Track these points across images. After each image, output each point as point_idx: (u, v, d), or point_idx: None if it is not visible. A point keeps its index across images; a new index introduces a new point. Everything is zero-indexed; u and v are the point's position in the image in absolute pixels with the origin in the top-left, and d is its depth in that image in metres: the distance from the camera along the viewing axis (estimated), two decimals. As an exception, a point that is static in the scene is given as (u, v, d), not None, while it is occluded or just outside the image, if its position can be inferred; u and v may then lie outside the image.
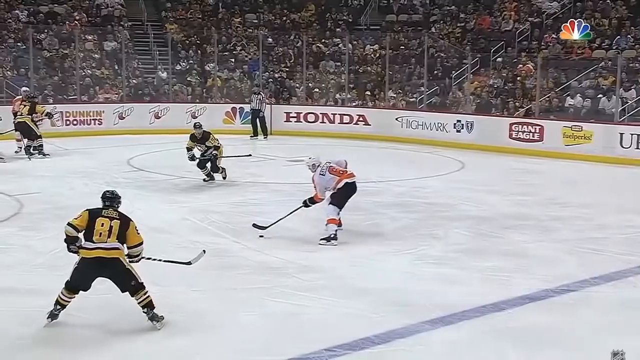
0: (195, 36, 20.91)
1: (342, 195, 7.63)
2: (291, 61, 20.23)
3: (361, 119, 17.52)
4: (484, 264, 6.81)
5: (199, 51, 20.36)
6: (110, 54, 19.43)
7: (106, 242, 5.11)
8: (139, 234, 5.28)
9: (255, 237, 7.64)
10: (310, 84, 19.28)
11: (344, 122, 17.65)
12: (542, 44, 17.89)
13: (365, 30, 21.51)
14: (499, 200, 9.89)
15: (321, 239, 7.49)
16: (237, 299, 5.81)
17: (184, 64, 19.92)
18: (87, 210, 5.25)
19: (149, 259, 5.65)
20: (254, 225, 7.74)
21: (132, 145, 14.79)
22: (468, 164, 13.31)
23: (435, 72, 18.24)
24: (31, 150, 13.33)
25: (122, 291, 5.23)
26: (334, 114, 17.86)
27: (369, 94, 18.62)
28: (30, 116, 13.34)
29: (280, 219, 7.81)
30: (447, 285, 6.21)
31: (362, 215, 8.83)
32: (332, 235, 7.48)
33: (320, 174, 7.70)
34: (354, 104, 18.50)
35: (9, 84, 17.11)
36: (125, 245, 5.20)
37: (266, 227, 7.65)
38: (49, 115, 13.73)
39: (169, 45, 19.19)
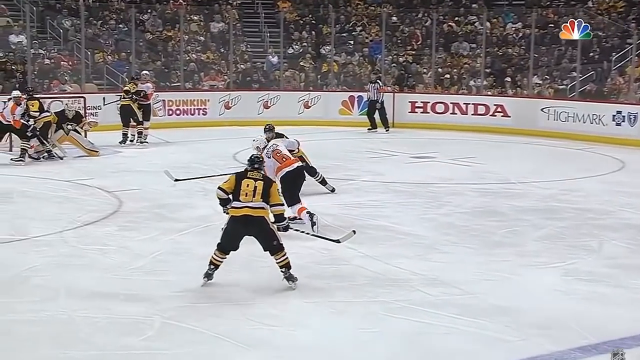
0: (310, 15, 21.22)
1: (288, 188, 8.11)
2: (418, 43, 20.11)
3: (499, 109, 17.15)
4: (649, 284, 6.51)
5: (314, 32, 20.65)
6: (217, 36, 20.07)
7: (252, 201, 6.21)
8: (280, 196, 6.43)
9: (375, 244, 7.66)
10: (439, 69, 19.10)
11: (479, 113, 17.36)
12: None
13: (507, 6, 21.02)
14: (668, 207, 9.42)
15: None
16: (353, 313, 5.83)
17: (296, 46, 20.26)
18: (234, 174, 6.51)
19: (297, 230, 6.92)
20: (166, 172, 9.09)
21: (238, 137, 15.13)
22: (630, 164, 12.78)
23: (591, 54, 17.57)
24: (130, 138, 14.46)
25: (264, 249, 6.31)
26: (467, 104, 17.59)
27: (509, 80, 18.21)
28: (130, 98, 14.39)
29: (205, 177, 9.39)
30: (602, 306, 5.97)
31: (500, 222, 8.67)
32: (311, 218, 7.93)
33: (266, 156, 8.17)
34: (490, 92, 18.14)
35: (109, 69, 18.04)
36: (269, 204, 6.28)
37: (178, 180, 8.92)
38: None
39: (280, 26, 19.56)
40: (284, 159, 8.35)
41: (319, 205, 8.78)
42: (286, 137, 9.50)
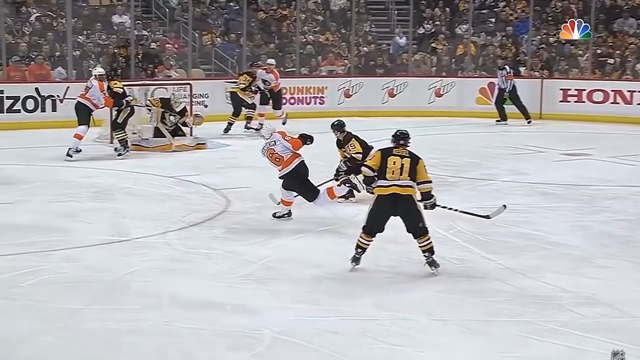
0: (444, -11, 21.06)
1: (296, 186, 8.80)
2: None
3: (673, 98, 16.61)
4: None
5: (449, 9, 20.47)
6: (337, 15, 20.23)
7: (399, 179, 6.72)
8: (427, 172, 6.86)
9: (517, 254, 7.58)
10: (598, 51, 18.55)
11: (647, 103, 16.83)
12: None
13: (686, -27, 20.17)
14: None
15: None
16: (491, 335, 5.77)
17: (428, 25, 20.16)
18: (379, 150, 7.05)
19: (444, 207, 7.48)
20: (271, 197, 9.16)
21: (359, 130, 15.13)
22: None
23: None
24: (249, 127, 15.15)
25: (408, 231, 6.87)
26: (631, 92, 17.13)
27: (687, 63, 17.51)
28: (250, 90, 14.96)
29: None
30: None
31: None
32: (284, 214, 8.84)
33: (261, 151, 8.92)
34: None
35: (217, 52, 18.50)
36: (415, 182, 6.81)
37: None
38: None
39: (410, 3, 19.53)
40: (277, 160, 8.73)
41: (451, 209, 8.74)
42: (353, 138, 9.69)
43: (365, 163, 7.12)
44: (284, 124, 15.09)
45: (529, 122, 16.82)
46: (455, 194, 10.07)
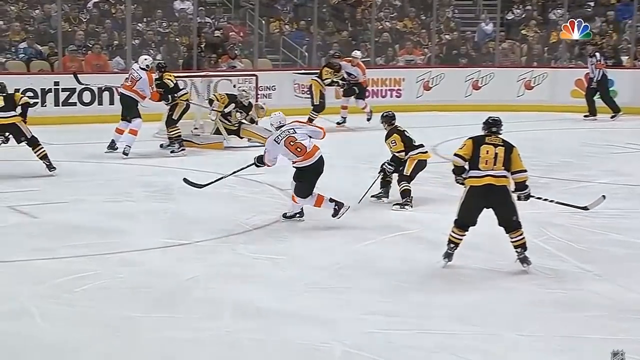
0: (536, -30, 20.84)
1: (302, 179, 8.74)
2: (689, 1, 19.17)
3: None
4: None
5: (541, -8, 20.26)
6: (417, 0, 20.13)
7: (493, 169, 6.88)
8: (522, 161, 7.02)
9: (614, 264, 7.49)
10: None
11: None
12: None
13: None
14: None
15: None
16: (585, 353, 5.70)
17: (518, 11, 19.98)
18: (470, 138, 7.09)
19: (539, 198, 7.65)
20: (185, 181, 9.36)
21: (440, 126, 15.19)
22: None
23: None
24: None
25: (500, 224, 7.01)
26: None
27: None
28: (319, 80, 14.98)
29: (223, 177, 9.52)
30: None
31: None
32: (337, 206, 8.69)
33: (274, 140, 8.72)
34: None
35: (285, 41, 18.60)
36: (509, 172, 6.96)
37: (201, 186, 9.33)
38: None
39: (498, -15, 19.41)
40: (298, 150, 8.64)
41: (547, 213, 8.65)
42: (396, 133, 9.77)
43: (456, 152, 7.12)
44: (368, 119, 15.06)
45: (612, 117, 16.58)
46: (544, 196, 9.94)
